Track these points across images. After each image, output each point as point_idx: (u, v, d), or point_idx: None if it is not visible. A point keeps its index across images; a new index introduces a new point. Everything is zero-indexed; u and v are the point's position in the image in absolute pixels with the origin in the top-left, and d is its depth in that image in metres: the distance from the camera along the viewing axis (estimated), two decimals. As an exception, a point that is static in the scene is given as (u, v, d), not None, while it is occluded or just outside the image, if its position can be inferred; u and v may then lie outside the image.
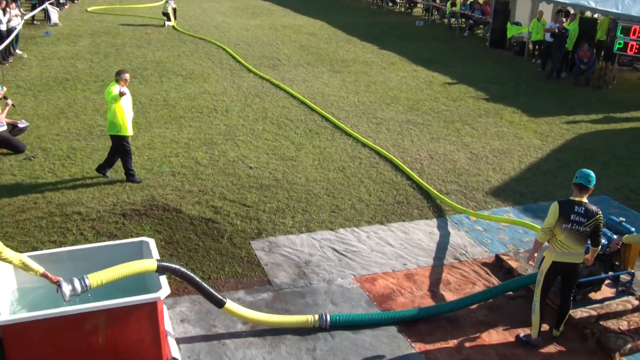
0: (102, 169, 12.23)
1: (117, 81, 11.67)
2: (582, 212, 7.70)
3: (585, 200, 7.80)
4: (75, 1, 35.09)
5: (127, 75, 11.84)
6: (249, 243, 10.23)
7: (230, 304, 7.67)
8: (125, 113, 11.74)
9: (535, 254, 8.19)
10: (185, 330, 8.05)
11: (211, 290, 7.56)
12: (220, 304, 7.59)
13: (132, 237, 9.78)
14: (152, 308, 6.92)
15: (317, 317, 8.12)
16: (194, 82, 19.19)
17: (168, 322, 7.84)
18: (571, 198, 7.86)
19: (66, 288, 6.61)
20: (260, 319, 7.94)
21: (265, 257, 9.86)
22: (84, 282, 6.63)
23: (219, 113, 16.31)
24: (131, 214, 10.86)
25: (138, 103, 16.83)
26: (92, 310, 6.68)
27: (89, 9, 31.75)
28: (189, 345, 7.78)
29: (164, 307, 7.71)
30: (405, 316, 8.40)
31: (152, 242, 7.94)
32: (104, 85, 18.24)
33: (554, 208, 7.82)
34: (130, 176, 12.12)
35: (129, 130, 11.89)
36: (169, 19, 28.44)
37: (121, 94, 11.47)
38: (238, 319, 8.09)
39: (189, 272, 7.40)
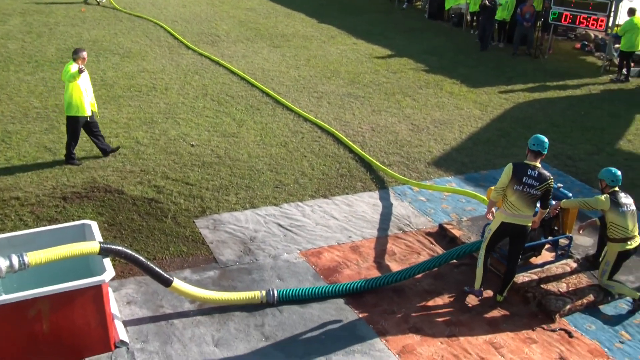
0: (102, 151, 12.27)
1: (74, 60, 11.37)
2: (535, 175, 7.96)
3: (538, 164, 8.07)
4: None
5: (84, 54, 11.51)
6: (193, 222, 10.16)
7: (177, 283, 7.58)
8: (83, 93, 11.46)
9: (493, 209, 8.51)
10: (132, 312, 7.97)
11: (157, 269, 7.46)
12: (167, 282, 7.50)
13: (73, 220, 9.60)
14: (96, 291, 6.83)
15: (264, 292, 8.12)
16: (131, 60, 18.84)
17: (114, 305, 7.76)
18: (526, 161, 8.13)
19: (2, 263, 6.42)
20: (208, 296, 7.90)
21: (210, 235, 9.81)
22: (23, 259, 6.46)
23: (159, 91, 16.08)
24: (72, 197, 10.66)
25: (74, 83, 16.46)
26: (34, 297, 6.56)
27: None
28: (137, 327, 7.72)
29: (109, 289, 7.62)
30: (351, 288, 8.47)
31: (94, 225, 7.82)
32: (37, 66, 17.80)
33: (508, 169, 8.09)
34: (70, 159, 11.90)
35: (86, 111, 11.61)
36: None
37: (80, 71, 11.15)
38: (185, 297, 8.04)
39: (133, 253, 7.26)
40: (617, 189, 8.51)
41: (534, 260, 9.23)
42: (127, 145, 12.72)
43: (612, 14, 19.36)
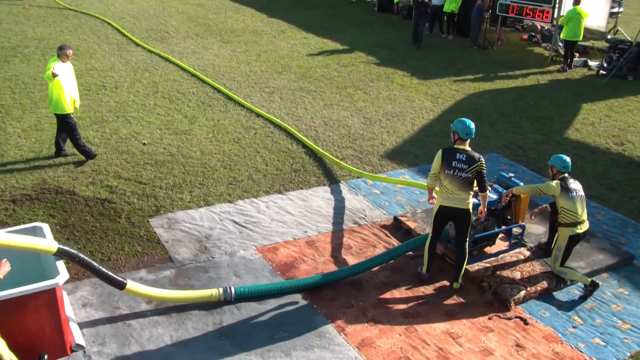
0: (58, 150, 12.03)
1: (58, 56, 11.31)
2: (464, 158, 8.18)
3: (467, 148, 8.30)
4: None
5: (68, 51, 11.39)
6: (148, 221, 10.06)
7: (131, 285, 7.47)
8: (64, 91, 11.27)
9: (434, 195, 8.78)
10: (88, 315, 7.86)
11: (110, 273, 7.31)
12: (121, 285, 7.37)
13: (24, 223, 9.43)
14: (50, 295, 6.71)
15: (221, 290, 8.09)
16: (79, 58, 18.52)
17: (69, 308, 7.64)
18: (455, 146, 8.34)
19: None
20: (164, 296, 7.82)
21: (165, 234, 9.72)
22: None
23: (108, 90, 15.85)
24: (22, 199, 10.45)
25: (21, 83, 16.14)
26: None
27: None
28: (93, 330, 7.62)
29: (64, 292, 7.50)
30: (308, 283, 8.47)
31: (46, 227, 7.68)
32: (-18, 66, 17.41)
33: (437, 155, 8.38)
34: (85, 153, 11.86)
35: (70, 108, 11.44)
36: None
37: (54, 75, 10.87)
38: (142, 298, 7.96)
39: (86, 257, 7.11)
40: (566, 175, 8.70)
41: (488, 249, 9.36)
42: (78, 145, 12.52)
43: (557, 5, 19.69)
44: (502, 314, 8.19)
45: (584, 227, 8.63)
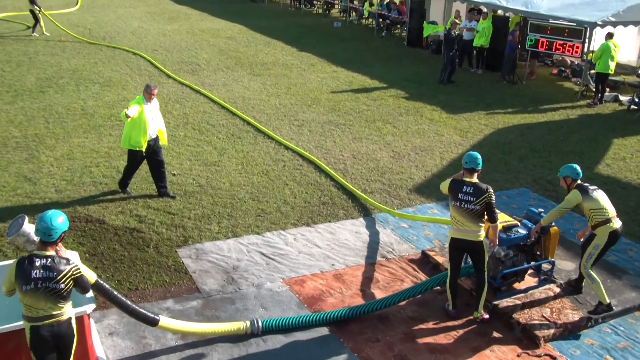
0: (122, 186, 12.07)
1: (143, 95, 11.26)
2: (471, 191, 8.18)
3: (475, 180, 8.32)
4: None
5: (153, 90, 11.22)
6: (176, 251, 10.10)
7: (164, 321, 7.44)
8: (137, 128, 11.13)
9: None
10: (115, 344, 7.88)
11: (142, 311, 7.27)
12: (154, 323, 7.34)
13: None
14: (78, 323, 6.74)
15: (248, 323, 8.05)
16: (112, 89, 18.82)
17: (96, 337, 7.66)
18: (463, 178, 8.36)
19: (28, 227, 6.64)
20: (194, 330, 7.76)
21: (193, 264, 9.75)
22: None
23: (139, 120, 16.02)
24: (52, 227, 10.55)
25: (55, 113, 16.42)
26: (14, 329, 6.47)
27: (0, 16, 30.62)
28: (120, 359, 7.63)
29: (91, 321, 7.53)
30: (336, 316, 8.42)
31: (75, 255, 7.73)
32: (16, 95, 17.73)
33: (444, 185, 8.50)
34: (123, 187, 11.97)
35: (139, 146, 11.27)
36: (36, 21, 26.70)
37: (126, 116, 10.65)
38: (173, 333, 7.94)
39: (118, 295, 7.08)
40: (579, 181, 8.73)
41: (517, 285, 9.25)
42: (108, 175, 12.66)
43: (587, 40, 19.64)
44: (531, 352, 8.06)
45: (617, 223, 8.57)
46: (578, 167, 8.75)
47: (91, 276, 6.65)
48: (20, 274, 5.97)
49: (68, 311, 6.26)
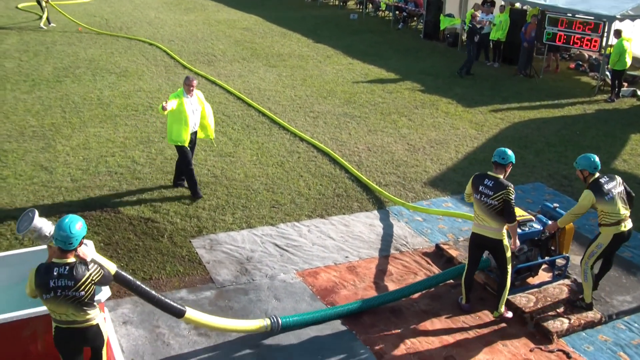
0: (175, 180, 12.01)
1: (183, 87, 11.04)
2: (491, 185, 8.10)
3: (499, 176, 8.19)
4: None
5: (192, 81, 10.99)
6: (190, 241, 10.14)
7: (190, 313, 7.23)
8: (178, 122, 10.96)
9: None
10: (128, 332, 7.94)
11: (168, 301, 7.07)
12: (180, 314, 7.13)
13: (69, 239, 9.56)
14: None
15: (269, 321, 7.86)
16: (128, 79, 18.89)
17: (110, 325, 7.72)
18: (488, 172, 8.28)
19: (39, 222, 6.46)
20: (217, 325, 7.58)
21: (207, 254, 9.79)
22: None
23: (155, 111, 16.08)
24: (68, 216, 10.62)
25: (71, 102, 16.50)
26: (30, 317, 6.52)
27: (19, 6, 30.73)
28: (133, 347, 7.68)
29: (105, 309, 7.58)
30: (354, 308, 8.39)
31: (90, 244, 7.78)
32: (34, 85, 17.83)
33: (472, 178, 8.39)
34: (192, 188, 11.63)
35: (181, 140, 11.07)
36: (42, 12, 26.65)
37: (163, 108, 10.39)
38: (196, 326, 7.81)
39: (143, 286, 6.86)
40: (597, 175, 8.51)
41: (531, 280, 9.22)
42: (124, 165, 12.71)
43: (605, 34, 19.48)
44: (544, 347, 8.04)
45: (627, 225, 8.45)
46: (596, 159, 8.49)
47: (111, 267, 6.48)
48: (39, 282, 5.89)
49: (95, 317, 6.18)
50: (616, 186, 8.46)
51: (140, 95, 17.37)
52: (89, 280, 5.97)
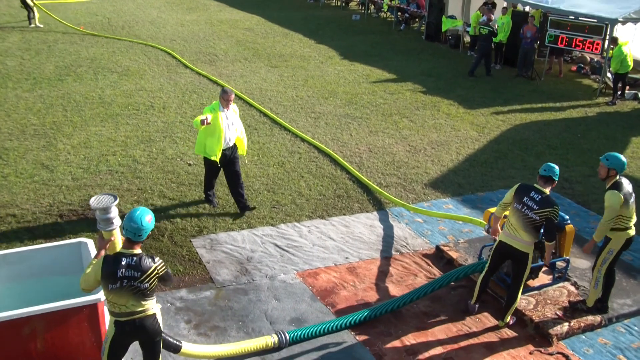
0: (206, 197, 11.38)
1: (219, 100, 10.47)
2: (538, 198, 7.92)
3: (547, 191, 8.01)
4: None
5: (230, 95, 10.38)
6: (190, 241, 10.14)
7: (186, 347, 7.05)
8: (210, 136, 10.43)
9: (498, 226, 8.62)
10: (127, 332, 7.92)
11: (166, 336, 6.83)
12: (176, 349, 6.93)
13: (69, 238, 9.58)
14: (92, 310, 6.80)
15: (275, 338, 7.73)
16: (129, 79, 18.89)
17: (111, 324, 7.71)
18: (535, 184, 8.12)
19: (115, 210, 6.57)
20: (221, 352, 7.42)
21: (207, 254, 9.78)
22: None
23: (156, 110, 16.10)
24: (68, 214, 10.64)
25: (73, 101, 16.51)
26: (29, 315, 6.53)
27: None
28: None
29: (105, 308, 7.57)
30: (360, 318, 8.31)
31: (90, 243, 7.80)
32: (35, 83, 17.85)
33: (514, 187, 8.18)
34: (207, 198, 11.33)
35: (212, 155, 10.52)
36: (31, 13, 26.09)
37: (202, 123, 9.94)
38: (199, 358, 7.44)
39: None
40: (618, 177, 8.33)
41: (531, 282, 9.21)
42: (125, 164, 12.71)
43: (607, 37, 19.46)
44: (543, 350, 8.03)
45: (634, 229, 8.40)
46: (625, 161, 8.29)
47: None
48: (107, 272, 5.93)
49: (152, 307, 6.23)
50: (631, 189, 8.33)
51: (141, 94, 17.37)
52: (155, 272, 6.09)
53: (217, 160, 10.57)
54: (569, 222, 9.12)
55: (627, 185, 8.26)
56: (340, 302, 8.77)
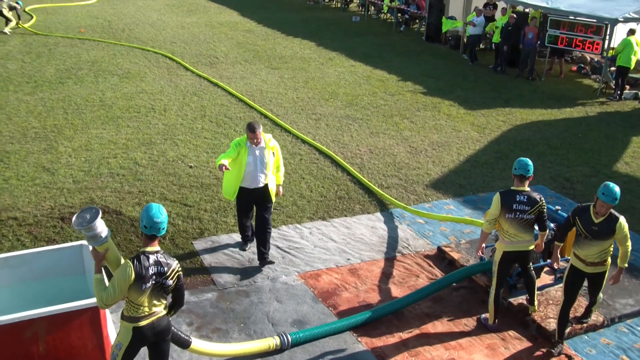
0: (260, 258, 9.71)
1: (247, 134, 9.13)
2: (525, 200, 7.90)
3: (527, 188, 8.02)
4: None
5: (256, 130, 8.96)
6: (192, 243, 10.14)
7: (195, 344, 7.04)
8: (232, 175, 9.18)
9: (483, 245, 8.43)
10: (129, 334, 7.91)
11: (177, 331, 6.81)
12: (186, 344, 6.92)
13: (71, 241, 9.56)
14: (94, 313, 6.80)
15: (277, 340, 7.74)
16: (130, 81, 18.90)
17: (111, 327, 7.71)
18: (512, 188, 8.06)
19: (100, 224, 6.15)
20: (226, 352, 7.44)
21: (209, 256, 9.78)
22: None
23: (157, 112, 16.10)
24: (70, 217, 10.63)
25: (74, 104, 16.51)
26: (31, 318, 6.53)
27: (27, 9, 30.57)
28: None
29: (107, 311, 7.57)
30: (362, 320, 8.31)
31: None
32: (36, 86, 17.86)
33: (496, 199, 8.00)
34: (243, 237, 10.01)
35: (229, 194, 9.36)
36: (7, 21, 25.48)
37: (220, 169, 8.81)
38: (204, 356, 7.52)
39: None
40: None
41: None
42: (126, 166, 12.71)
43: (607, 37, 19.46)
44: (545, 350, 8.02)
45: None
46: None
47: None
48: (140, 273, 5.88)
49: (166, 305, 6.28)
50: None
51: (142, 97, 17.38)
52: (176, 270, 6.15)
53: (232, 198, 9.39)
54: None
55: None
56: (342, 303, 8.77)
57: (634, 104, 19.11)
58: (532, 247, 8.15)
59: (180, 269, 6.20)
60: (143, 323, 6.08)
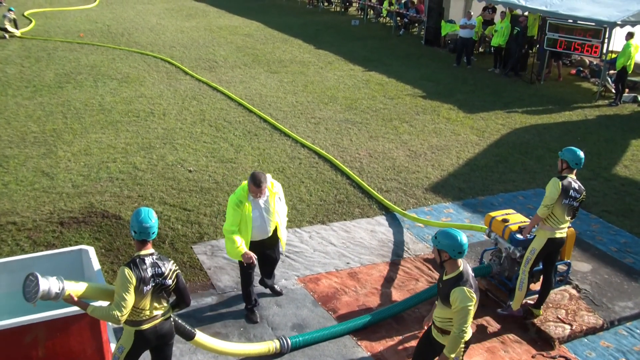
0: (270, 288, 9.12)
1: (249, 186, 7.97)
2: (577, 187, 8.16)
3: (575, 176, 8.27)
4: (3, 3, 33.85)
5: (260, 183, 7.85)
6: (191, 247, 10.14)
7: (199, 337, 7.03)
8: (241, 235, 8.08)
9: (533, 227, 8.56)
10: (129, 339, 7.91)
11: (182, 323, 6.82)
12: (190, 336, 6.92)
13: (70, 245, 9.55)
14: (93, 318, 6.77)
15: (277, 343, 7.74)
16: (129, 85, 18.91)
17: (111, 331, 7.70)
18: (566, 175, 8.19)
19: (44, 283, 5.84)
20: (227, 350, 7.44)
21: (208, 261, 9.78)
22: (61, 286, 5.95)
23: (156, 117, 16.11)
24: (69, 222, 10.64)
25: (73, 108, 16.52)
26: (31, 323, 6.51)
27: (25, 13, 30.64)
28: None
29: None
30: (362, 323, 8.31)
31: (91, 251, 7.79)
32: (35, 91, 17.87)
33: (557, 184, 8.07)
34: (246, 298, 8.60)
35: (233, 255, 8.22)
36: (6, 31, 25.48)
37: (244, 259, 8.03)
38: (205, 350, 7.49)
39: None
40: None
41: (533, 286, 9.18)
42: (125, 171, 12.71)
43: (606, 40, 19.49)
44: (545, 353, 8.02)
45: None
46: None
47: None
48: (140, 275, 5.87)
49: (168, 309, 6.28)
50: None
51: (141, 101, 17.38)
52: (173, 270, 6.14)
53: (239, 259, 8.19)
54: (570, 225, 9.10)
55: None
56: (342, 307, 8.77)
57: (633, 107, 19.13)
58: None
59: (177, 267, 6.21)
60: (145, 327, 6.08)
